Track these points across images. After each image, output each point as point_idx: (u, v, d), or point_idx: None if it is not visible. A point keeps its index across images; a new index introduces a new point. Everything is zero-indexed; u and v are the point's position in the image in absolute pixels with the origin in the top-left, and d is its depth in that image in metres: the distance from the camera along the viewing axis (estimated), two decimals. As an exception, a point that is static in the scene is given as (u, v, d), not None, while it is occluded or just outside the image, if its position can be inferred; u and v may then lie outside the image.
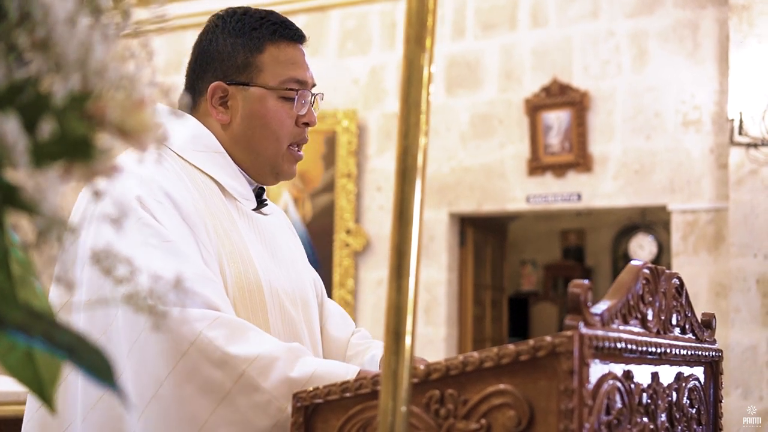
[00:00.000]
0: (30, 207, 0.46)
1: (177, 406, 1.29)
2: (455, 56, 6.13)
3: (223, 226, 1.53)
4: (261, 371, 1.29)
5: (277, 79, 1.62)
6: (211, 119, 1.63)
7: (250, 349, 1.31)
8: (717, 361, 1.48)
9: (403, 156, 0.79)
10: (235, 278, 1.50)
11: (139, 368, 1.31)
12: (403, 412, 0.76)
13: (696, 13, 5.48)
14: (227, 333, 1.31)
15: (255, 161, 1.64)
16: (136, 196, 1.41)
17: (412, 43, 0.80)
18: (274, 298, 1.56)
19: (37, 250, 0.53)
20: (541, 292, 10.36)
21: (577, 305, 1.04)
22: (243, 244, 1.56)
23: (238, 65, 1.61)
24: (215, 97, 1.62)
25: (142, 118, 0.51)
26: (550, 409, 1.03)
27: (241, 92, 1.62)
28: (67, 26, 0.48)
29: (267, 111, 1.61)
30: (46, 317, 0.55)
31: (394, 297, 0.78)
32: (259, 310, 1.52)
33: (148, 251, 1.35)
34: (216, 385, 1.29)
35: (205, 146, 1.60)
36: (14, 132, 0.43)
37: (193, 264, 1.38)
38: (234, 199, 1.62)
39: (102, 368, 0.54)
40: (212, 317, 1.32)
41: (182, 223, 1.44)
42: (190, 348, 1.29)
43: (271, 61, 1.62)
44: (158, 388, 1.29)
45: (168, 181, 1.48)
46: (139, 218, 1.39)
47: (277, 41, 1.63)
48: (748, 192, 5.07)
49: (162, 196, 1.44)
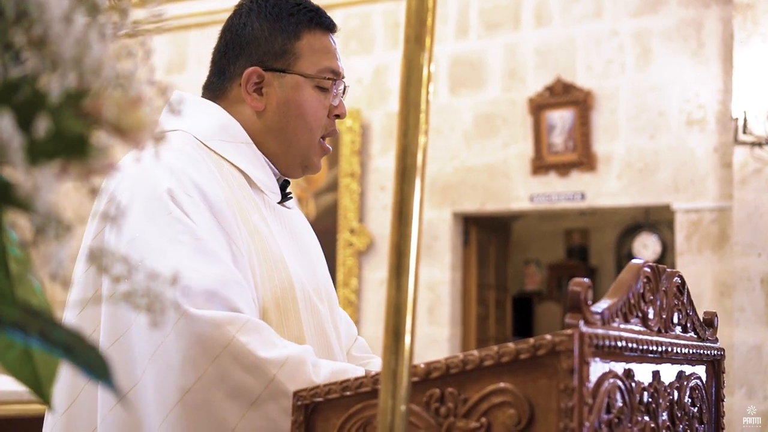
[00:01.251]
0: (25, 205, 0.46)
1: (205, 411, 1.26)
2: (459, 56, 6.13)
3: (252, 220, 1.49)
4: (290, 376, 1.27)
5: (314, 68, 1.58)
6: (242, 106, 1.58)
7: (278, 353, 1.28)
8: (719, 359, 1.47)
9: (402, 155, 0.79)
10: (267, 276, 1.46)
11: (164, 372, 1.27)
12: (402, 410, 0.77)
13: (700, 12, 5.47)
14: (259, 337, 1.28)
15: (287, 151, 1.60)
16: (166, 189, 1.37)
17: (411, 42, 0.80)
18: (305, 295, 1.53)
19: (34, 248, 0.53)
20: (544, 292, 10.36)
21: (577, 304, 1.03)
22: (273, 239, 1.52)
23: (276, 51, 1.57)
24: (250, 83, 1.57)
25: (138, 117, 0.51)
26: (551, 407, 1.02)
27: (278, 79, 1.57)
28: (63, 24, 0.48)
29: (304, 100, 1.57)
30: (43, 315, 0.55)
31: (394, 296, 0.78)
32: (291, 309, 1.49)
33: (177, 248, 1.32)
34: (246, 390, 1.26)
35: (232, 136, 1.56)
36: (9, 130, 0.43)
37: (220, 265, 1.34)
38: (260, 191, 1.57)
39: (98, 366, 0.54)
40: (242, 321, 1.28)
41: (213, 219, 1.40)
42: (222, 352, 1.25)
43: (308, 48, 1.58)
44: (184, 393, 1.25)
45: (199, 173, 1.43)
46: (169, 212, 1.35)
47: (314, 29, 1.59)
48: (752, 191, 5.06)
49: (193, 190, 1.40)
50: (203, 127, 1.54)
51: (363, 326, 6.21)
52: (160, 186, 1.37)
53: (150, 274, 0.55)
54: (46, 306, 0.62)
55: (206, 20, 6.85)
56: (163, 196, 1.36)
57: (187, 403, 1.26)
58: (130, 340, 1.33)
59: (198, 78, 1.74)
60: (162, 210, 1.35)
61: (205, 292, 1.29)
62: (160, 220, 1.34)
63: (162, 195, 1.36)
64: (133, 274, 0.58)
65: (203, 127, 1.54)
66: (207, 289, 1.29)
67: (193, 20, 6.82)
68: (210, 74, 1.64)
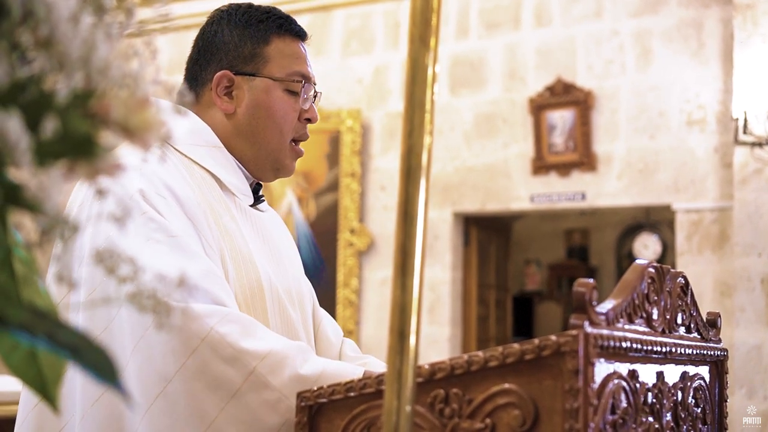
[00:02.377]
0: (33, 206, 0.46)
1: (185, 403, 1.27)
2: (459, 56, 6.13)
3: (223, 221, 1.52)
4: (271, 368, 1.28)
5: (283, 71, 1.62)
6: (213, 110, 1.62)
7: (260, 345, 1.29)
8: (722, 360, 1.47)
9: (407, 155, 0.79)
10: (236, 276, 1.49)
11: (145, 365, 1.29)
12: (407, 411, 0.76)
13: (700, 12, 5.46)
14: (239, 329, 1.29)
15: (257, 153, 1.63)
16: (138, 189, 1.40)
17: (416, 42, 0.80)
18: (273, 296, 1.55)
19: (40, 249, 0.53)
20: (545, 292, 10.35)
21: (582, 304, 1.03)
22: (244, 241, 1.54)
23: (245, 55, 1.62)
24: (221, 86, 1.61)
25: (145, 117, 0.51)
26: (555, 408, 1.02)
27: (247, 82, 1.61)
28: (70, 24, 0.48)
29: (272, 102, 1.61)
30: (49, 316, 0.55)
31: (399, 296, 0.78)
32: (260, 309, 1.51)
33: (154, 246, 1.34)
34: (226, 381, 1.27)
35: (204, 141, 1.59)
36: (17, 130, 0.43)
37: (199, 260, 1.37)
38: (232, 194, 1.60)
39: (105, 367, 0.54)
40: (223, 313, 1.30)
41: (185, 218, 1.43)
42: (200, 344, 1.27)
43: (277, 53, 1.63)
44: (165, 385, 1.27)
45: (169, 175, 1.47)
46: (143, 212, 1.37)
47: (283, 35, 1.64)
48: (752, 191, 5.06)
49: (164, 191, 1.43)
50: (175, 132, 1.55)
51: (363, 326, 6.21)
52: (132, 187, 1.40)
53: (157, 276, 0.55)
54: (52, 307, 0.61)
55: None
56: (135, 196, 1.39)
57: (168, 394, 1.27)
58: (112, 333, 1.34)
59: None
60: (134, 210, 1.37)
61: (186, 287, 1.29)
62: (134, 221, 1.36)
63: (134, 196, 1.39)
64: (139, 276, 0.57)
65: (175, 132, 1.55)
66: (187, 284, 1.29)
67: (194, 20, 6.81)
68: (183, 81, 1.68)
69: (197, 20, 7.18)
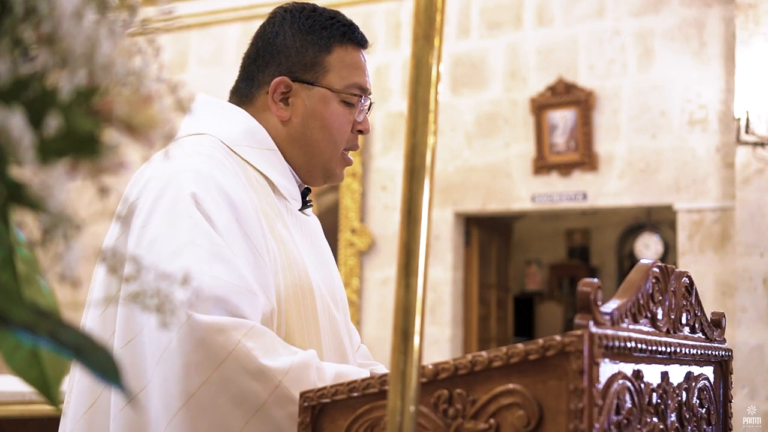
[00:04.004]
0: (36, 204, 0.45)
1: (209, 416, 1.26)
2: (460, 55, 6.13)
3: (277, 228, 1.51)
4: (294, 382, 1.27)
5: (342, 83, 1.59)
6: (268, 114, 1.60)
7: (283, 359, 1.28)
8: (727, 360, 1.46)
9: (411, 155, 0.79)
10: (290, 282, 1.48)
11: (169, 377, 1.27)
12: (411, 411, 0.76)
13: (702, 11, 5.46)
14: (264, 344, 1.28)
15: (309, 161, 1.61)
16: (191, 192, 1.38)
17: (420, 41, 0.79)
18: (323, 302, 1.55)
19: (42, 248, 0.52)
20: (546, 292, 10.34)
21: (587, 304, 1.03)
22: (296, 247, 1.54)
23: (306, 63, 1.58)
24: (278, 92, 1.58)
25: (150, 114, 0.50)
26: (560, 408, 1.02)
27: (305, 90, 1.58)
28: (73, 21, 0.47)
29: (329, 113, 1.58)
30: (52, 316, 0.55)
31: (403, 296, 0.77)
32: (311, 315, 1.50)
33: (194, 251, 1.32)
34: (251, 395, 1.26)
35: (258, 142, 1.57)
36: (20, 127, 0.43)
37: (235, 273, 1.34)
38: (284, 198, 1.59)
39: (108, 367, 0.54)
40: (248, 326, 1.28)
41: (236, 225, 1.40)
42: (227, 357, 1.25)
43: (338, 63, 1.59)
44: (189, 398, 1.25)
45: (226, 179, 1.44)
46: (190, 216, 1.35)
47: (346, 44, 1.61)
48: (754, 191, 5.05)
49: (218, 195, 1.40)
50: (230, 132, 1.56)
51: (364, 326, 6.21)
52: (185, 189, 1.38)
53: (160, 274, 0.54)
54: (54, 307, 0.61)
55: (208, 20, 6.85)
56: (186, 199, 1.37)
57: (191, 407, 1.25)
58: (142, 343, 1.33)
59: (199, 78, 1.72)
60: (184, 213, 1.36)
61: (214, 298, 1.29)
62: (181, 223, 1.35)
63: (186, 198, 1.37)
64: (142, 275, 0.57)
65: (230, 132, 1.56)
66: (216, 295, 1.30)
67: (195, 20, 6.81)
68: (238, 79, 1.65)
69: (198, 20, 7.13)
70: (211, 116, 1.58)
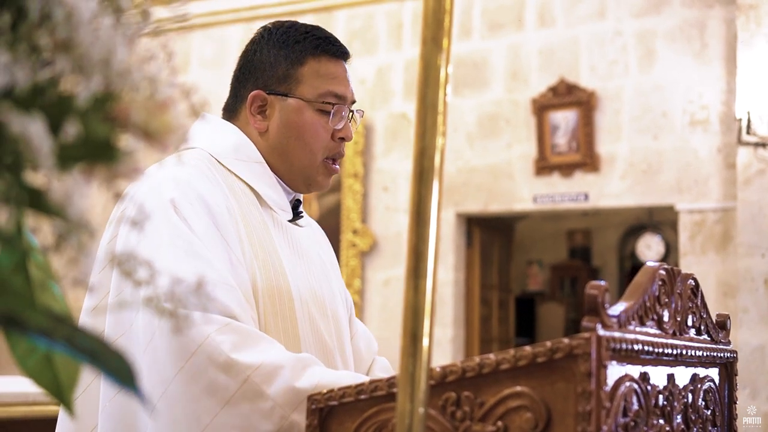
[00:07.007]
0: (56, 211, 0.45)
1: (183, 405, 1.32)
2: (462, 56, 6.12)
3: (257, 234, 1.56)
4: (265, 378, 1.31)
5: (315, 92, 1.65)
6: (250, 127, 1.67)
7: (255, 356, 1.32)
8: (731, 362, 1.47)
9: (420, 157, 0.79)
10: (266, 286, 1.52)
11: (152, 366, 1.34)
12: (420, 413, 0.76)
13: (703, 12, 5.46)
14: (236, 339, 1.33)
15: (289, 170, 1.67)
16: (170, 198, 1.45)
17: (429, 43, 0.79)
18: (304, 308, 1.59)
19: (56, 254, 0.53)
20: (547, 292, 10.34)
21: (594, 307, 1.03)
22: (276, 253, 1.58)
23: (279, 76, 1.65)
24: (254, 105, 1.66)
25: (166, 120, 0.50)
26: (568, 411, 1.02)
27: (280, 102, 1.65)
28: (90, 27, 0.47)
29: (303, 122, 1.64)
30: (66, 321, 0.55)
31: (412, 298, 0.77)
32: (289, 320, 1.55)
33: (171, 251, 1.39)
34: (221, 388, 1.31)
35: (247, 156, 1.64)
36: (40, 134, 0.43)
37: (214, 269, 1.41)
38: (270, 209, 1.65)
39: (123, 372, 0.54)
40: (222, 322, 1.34)
41: (213, 227, 1.47)
42: (197, 350, 1.31)
43: (311, 74, 1.65)
44: (167, 386, 1.32)
45: (204, 185, 1.51)
46: (169, 220, 1.43)
47: (319, 56, 1.67)
48: (756, 192, 5.05)
49: (195, 199, 1.48)
50: (220, 146, 1.65)
51: (366, 327, 6.19)
52: (165, 196, 1.46)
53: (175, 279, 0.55)
54: (67, 312, 0.61)
55: (209, 21, 6.85)
56: (166, 205, 1.45)
57: (169, 395, 1.32)
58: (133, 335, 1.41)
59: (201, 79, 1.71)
60: (164, 218, 1.43)
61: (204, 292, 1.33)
62: (161, 226, 1.42)
63: (165, 204, 1.45)
64: (155, 279, 0.57)
65: (220, 146, 1.65)
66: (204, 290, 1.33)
67: (196, 21, 6.81)
68: (228, 96, 1.74)
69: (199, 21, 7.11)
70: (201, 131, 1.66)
